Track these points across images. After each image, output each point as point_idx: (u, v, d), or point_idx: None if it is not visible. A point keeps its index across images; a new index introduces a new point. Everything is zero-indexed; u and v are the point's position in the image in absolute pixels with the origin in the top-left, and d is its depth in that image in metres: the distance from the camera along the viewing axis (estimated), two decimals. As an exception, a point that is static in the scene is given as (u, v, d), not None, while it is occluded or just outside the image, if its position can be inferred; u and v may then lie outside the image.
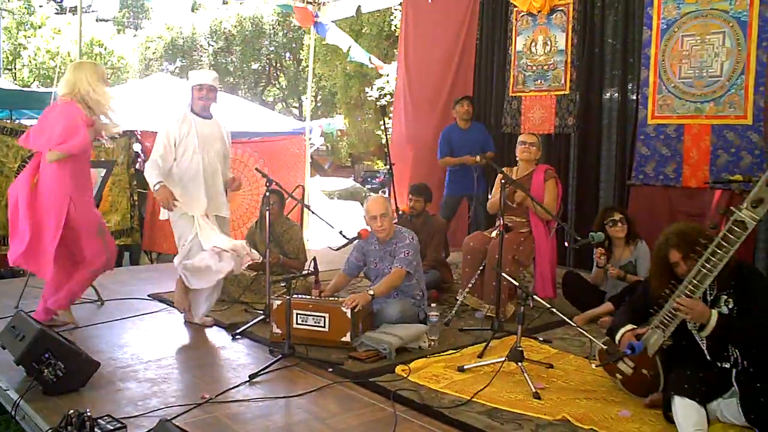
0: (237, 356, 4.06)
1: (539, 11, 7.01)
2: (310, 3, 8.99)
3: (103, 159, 7.45)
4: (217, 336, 4.49)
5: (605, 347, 3.52)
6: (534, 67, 7.17)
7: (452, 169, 6.86)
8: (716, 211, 5.47)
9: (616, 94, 6.67)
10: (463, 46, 7.87)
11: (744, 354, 2.98)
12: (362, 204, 4.83)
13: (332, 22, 9.28)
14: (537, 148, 5.15)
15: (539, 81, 7.11)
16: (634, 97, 6.39)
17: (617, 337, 3.32)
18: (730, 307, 3.03)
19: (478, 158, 6.09)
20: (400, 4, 8.51)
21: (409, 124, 8.34)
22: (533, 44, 7.17)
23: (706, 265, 2.92)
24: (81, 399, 3.29)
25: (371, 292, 4.22)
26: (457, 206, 7.02)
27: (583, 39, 6.76)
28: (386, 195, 9.72)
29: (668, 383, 3.08)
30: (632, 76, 6.46)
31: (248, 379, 3.57)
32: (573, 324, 3.92)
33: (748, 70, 5.50)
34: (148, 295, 5.54)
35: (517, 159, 5.19)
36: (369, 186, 24.70)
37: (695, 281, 2.97)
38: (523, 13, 7.24)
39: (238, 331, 4.46)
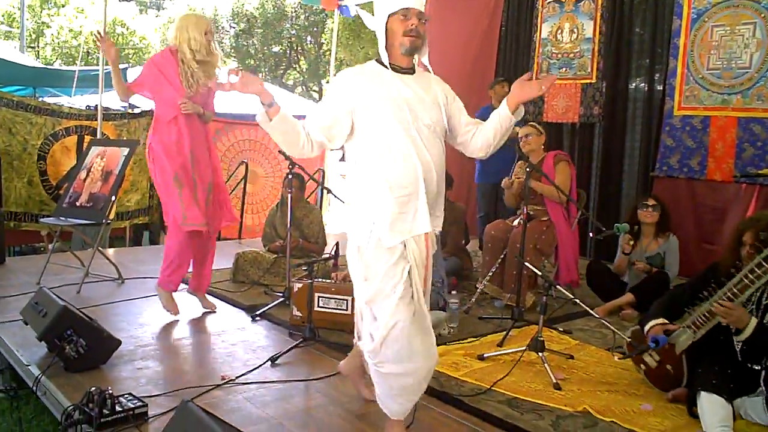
0: (256, 338, 4.07)
1: (566, -2, 6.92)
2: (335, -14, 8.93)
3: (125, 138, 7.49)
4: (236, 317, 4.50)
5: (629, 339, 3.49)
6: (559, 55, 7.09)
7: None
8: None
9: (643, 84, 6.58)
10: (487, 31, 7.79)
11: None
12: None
13: (356, 5, 9.22)
14: (536, 136, 5.00)
15: (564, 69, 7.03)
16: (661, 88, 6.30)
17: (646, 329, 3.28)
18: None
19: (518, 130, 5.79)
20: (426, -12, 8.42)
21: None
22: (559, 31, 7.08)
23: (749, 275, 2.85)
24: (102, 376, 3.31)
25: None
26: (495, 194, 6.66)
27: (611, 28, 6.66)
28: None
29: (695, 379, 3.04)
30: (660, 66, 6.36)
31: (270, 361, 3.58)
32: (596, 315, 3.89)
33: (778, 62, 5.41)
34: (168, 275, 5.57)
35: (523, 152, 5.03)
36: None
37: (735, 289, 2.91)
38: (550, 0, 7.15)
39: (257, 312, 4.47)
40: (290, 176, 4.72)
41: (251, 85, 2.56)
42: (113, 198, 5.30)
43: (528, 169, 4.42)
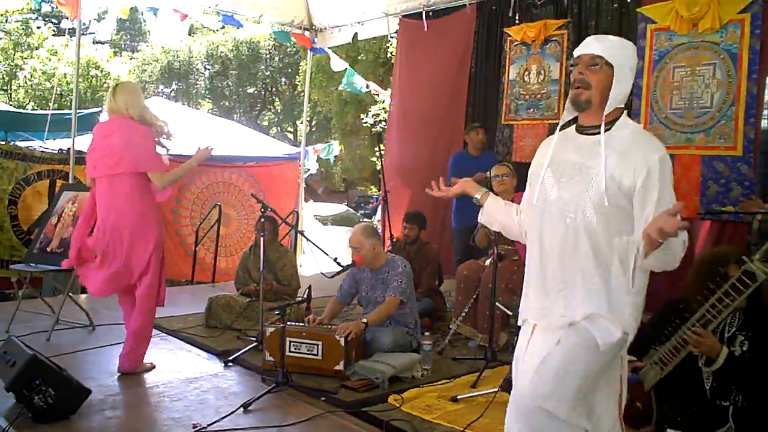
0: (229, 384, 4.04)
1: (533, 41, 7.10)
2: (308, 29, 9.09)
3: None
4: (209, 363, 4.47)
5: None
6: (527, 96, 7.24)
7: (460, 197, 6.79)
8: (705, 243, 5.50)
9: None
10: (458, 73, 7.94)
11: (747, 397, 2.97)
12: (356, 231, 4.81)
13: (329, 48, 9.37)
14: (511, 177, 5.14)
15: (532, 110, 7.18)
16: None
17: None
18: (744, 349, 3.01)
19: (488, 173, 5.85)
20: (396, 32, 8.60)
21: (402, 151, 8.39)
22: (527, 73, 7.25)
23: (711, 310, 2.90)
24: (71, 427, 3.27)
25: (365, 320, 4.23)
26: (470, 236, 6.81)
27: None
28: (374, 222, 9.70)
29: (662, 415, 3.07)
30: (624, 106, 6.51)
31: (242, 407, 3.55)
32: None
33: (738, 101, 5.57)
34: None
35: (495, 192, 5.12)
36: (362, 211, 24.76)
37: (698, 324, 2.96)
38: (517, 43, 7.32)
39: (230, 358, 4.44)
40: (263, 219, 4.73)
41: (458, 189, 2.58)
42: (84, 243, 5.26)
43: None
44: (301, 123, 11.91)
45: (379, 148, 7.76)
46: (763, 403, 2.94)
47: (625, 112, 2.27)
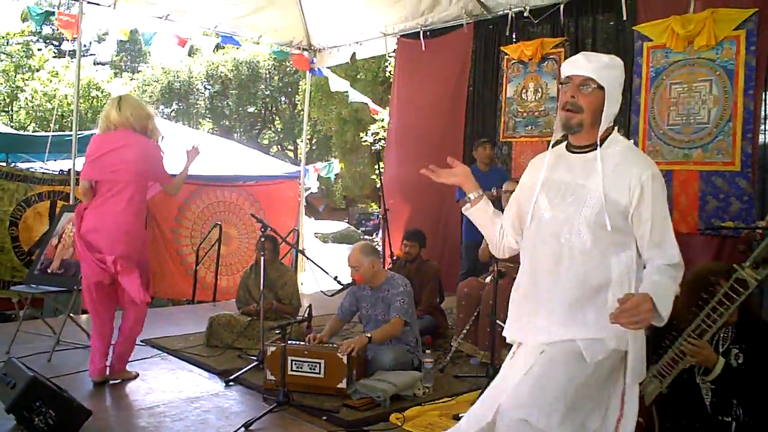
0: (230, 404, 4.04)
1: (530, 59, 7.15)
2: (306, 50, 9.16)
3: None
4: (210, 383, 4.46)
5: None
6: (525, 114, 7.29)
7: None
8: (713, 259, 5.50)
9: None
10: (455, 92, 7.99)
11: (747, 411, 2.98)
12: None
13: (328, 68, 9.44)
14: None
15: (530, 127, 7.22)
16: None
17: None
18: (739, 362, 3.03)
19: (494, 191, 5.94)
20: (394, 51, 8.67)
21: (401, 169, 8.42)
22: (524, 91, 7.29)
23: (706, 320, 2.91)
24: (72, 448, 3.26)
25: (368, 335, 4.23)
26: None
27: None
28: (375, 240, 9.69)
29: (664, 432, 3.07)
30: (622, 122, 6.56)
31: (243, 427, 3.55)
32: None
33: (736, 117, 5.61)
34: (140, 341, 5.50)
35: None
36: (363, 228, 24.80)
37: (694, 335, 2.97)
38: (514, 61, 7.38)
39: (231, 377, 4.43)
40: (263, 239, 4.74)
41: (455, 177, 2.50)
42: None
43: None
44: (301, 142, 11.96)
45: (379, 166, 7.79)
46: (765, 418, 2.94)
47: (616, 128, 2.27)
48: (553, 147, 2.38)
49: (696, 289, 3.06)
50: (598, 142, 2.19)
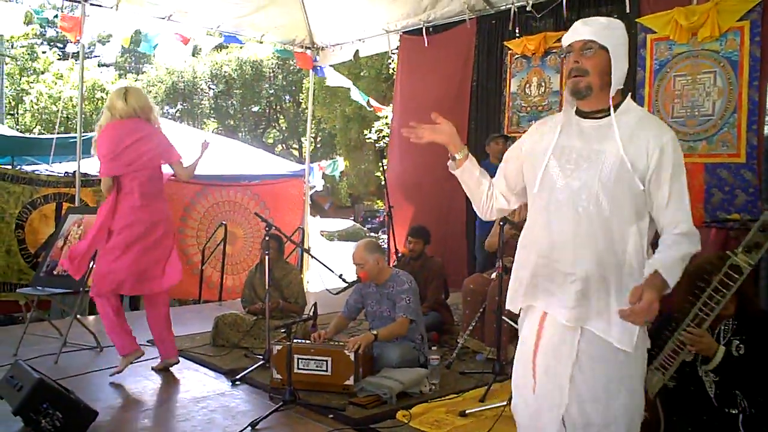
0: (237, 403, 4.04)
1: (533, 53, 7.13)
2: (309, 48, 9.15)
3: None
4: (216, 382, 4.47)
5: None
6: (528, 108, 7.27)
7: None
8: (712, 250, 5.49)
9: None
10: (459, 88, 7.97)
11: (752, 402, 2.97)
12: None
13: (331, 66, 9.43)
14: None
15: (534, 121, 7.19)
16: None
17: None
18: (741, 353, 3.02)
19: None
20: (397, 48, 8.65)
21: (405, 166, 8.41)
22: (527, 85, 7.28)
23: (703, 308, 2.92)
24: (79, 450, 3.26)
25: (375, 332, 4.23)
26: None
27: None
28: (380, 237, 9.69)
29: (671, 426, 3.05)
30: (626, 90, 6.52)
31: (250, 426, 3.55)
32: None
33: (740, 108, 5.58)
34: (147, 341, 5.49)
35: None
36: (369, 226, 24.80)
37: (693, 324, 2.97)
38: (517, 56, 7.36)
39: (237, 377, 4.44)
40: (267, 238, 4.74)
41: (440, 134, 2.43)
42: (91, 265, 5.29)
43: (501, 224, 4.49)
44: (306, 140, 11.96)
45: (382, 163, 7.78)
46: None
47: (629, 95, 2.22)
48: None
49: (693, 281, 3.06)
50: (611, 105, 2.13)
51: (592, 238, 2.09)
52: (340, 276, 4.69)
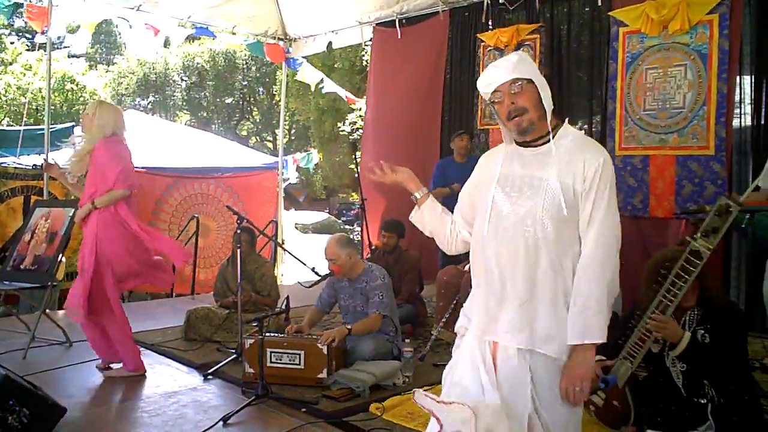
0: (208, 397, 4.00)
1: (506, 46, 7.14)
2: (282, 39, 9.08)
3: (73, 198, 7.38)
4: (187, 377, 4.42)
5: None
6: (503, 101, 7.27)
7: (445, 200, 6.81)
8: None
9: (585, 126, 6.78)
10: (432, 80, 7.96)
11: (719, 391, 3.01)
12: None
13: (304, 57, 9.37)
14: None
15: (508, 114, 7.20)
16: (601, 129, 6.51)
17: None
18: (706, 341, 3.07)
19: (455, 186, 5.95)
20: (370, 40, 8.62)
21: (378, 158, 8.24)
22: (501, 78, 7.27)
23: (667, 295, 2.97)
24: (47, 447, 3.21)
25: (349, 326, 4.22)
26: None
27: (551, 72, 6.87)
28: (355, 230, 9.67)
29: (641, 417, 3.09)
30: (599, 108, 6.58)
31: (222, 421, 3.52)
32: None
33: (710, 101, 5.64)
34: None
35: None
36: (344, 218, 24.74)
37: (657, 312, 3.02)
38: (490, 48, 7.36)
39: (209, 371, 4.40)
40: (239, 231, 4.70)
41: (399, 174, 2.46)
42: (59, 259, 5.21)
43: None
44: (280, 132, 11.90)
45: (356, 156, 7.75)
46: (738, 399, 2.97)
47: (567, 120, 2.28)
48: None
49: (656, 270, 3.11)
50: (550, 130, 2.20)
51: (537, 262, 2.15)
52: (313, 269, 4.66)
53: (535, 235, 2.15)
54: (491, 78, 2.22)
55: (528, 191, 2.19)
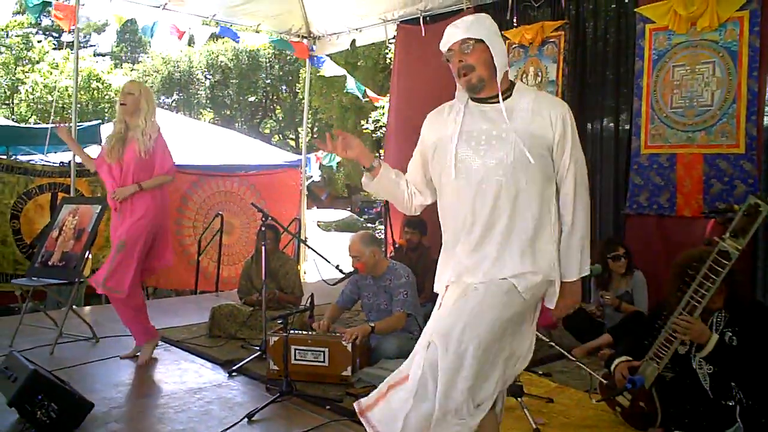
0: (233, 394, 4.02)
1: (531, 43, 7.08)
2: (306, 37, 9.09)
3: (99, 195, 7.47)
4: (213, 373, 4.45)
5: (605, 381, 3.50)
6: (527, 98, 7.22)
7: None
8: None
9: (611, 125, 6.71)
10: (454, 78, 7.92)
11: (747, 393, 2.97)
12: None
13: (327, 55, 9.37)
14: None
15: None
16: (627, 127, 6.43)
17: (612, 368, 3.31)
18: (734, 344, 3.03)
19: None
20: (394, 38, 8.60)
21: (401, 156, 8.30)
22: (524, 75, 7.23)
23: (695, 296, 2.93)
24: (75, 441, 3.25)
25: (372, 325, 4.22)
26: None
27: (575, 70, 6.81)
28: (377, 228, 9.66)
29: (668, 418, 3.05)
30: (625, 106, 6.50)
31: (246, 418, 3.54)
32: (571, 358, 3.90)
33: (740, 99, 5.54)
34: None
35: None
36: (366, 216, 24.77)
37: (684, 312, 2.98)
38: (514, 45, 7.31)
39: (234, 368, 4.42)
40: (263, 228, 4.72)
41: (350, 150, 2.51)
42: (86, 256, 5.27)
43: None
44: (302, 130, 11.93)
45: (379, 154, 7.75)
46: (765, 399, 2.93)
47: (518, 80, 2.42)
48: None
49: (683, 270, 3.08)
50: (500, 92, 2.33)
51: (511, 209, 2.29)
52: (337, 267, 4.66)
53: (507, 183, 2.28)
54: (447, 38, 2.37)
55: (495, 143, 2.32)
